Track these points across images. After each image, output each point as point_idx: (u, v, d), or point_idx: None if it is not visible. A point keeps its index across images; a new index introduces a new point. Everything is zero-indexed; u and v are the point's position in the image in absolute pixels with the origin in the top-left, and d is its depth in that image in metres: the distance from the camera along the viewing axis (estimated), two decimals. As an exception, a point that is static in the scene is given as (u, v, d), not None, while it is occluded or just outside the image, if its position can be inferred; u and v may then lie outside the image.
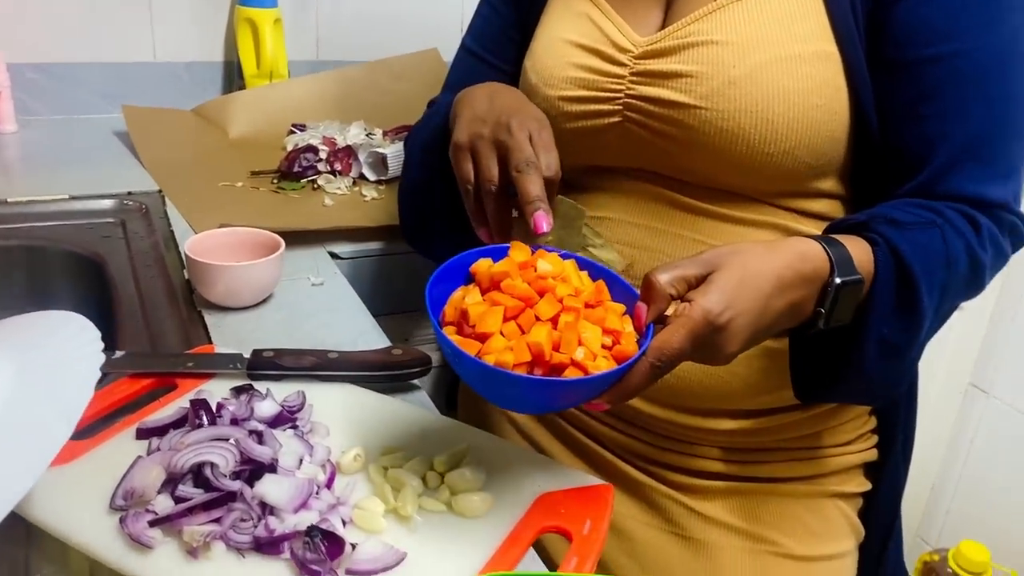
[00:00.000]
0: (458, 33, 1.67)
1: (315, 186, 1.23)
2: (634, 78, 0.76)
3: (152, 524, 0.56)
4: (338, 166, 1.25)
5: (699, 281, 0.60)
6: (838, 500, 0.86)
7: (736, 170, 0.73)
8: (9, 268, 1.03)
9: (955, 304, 0.73)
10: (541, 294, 0.59)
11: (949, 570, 1.67)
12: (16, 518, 0.57)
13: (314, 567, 0.54)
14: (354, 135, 1.33)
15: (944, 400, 1.75)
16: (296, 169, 1.24)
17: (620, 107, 0.77)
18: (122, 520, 0.57)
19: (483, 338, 0.57)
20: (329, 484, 0.62)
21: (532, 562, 0.60)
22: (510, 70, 0.92)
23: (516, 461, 0.68)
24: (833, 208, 0.78)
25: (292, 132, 1.37)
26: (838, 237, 0.66)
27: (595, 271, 0.64)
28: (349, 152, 1.27)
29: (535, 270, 0.60)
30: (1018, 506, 1.71)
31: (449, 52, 1.59)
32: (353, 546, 0.56)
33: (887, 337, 0.67)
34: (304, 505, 0.59)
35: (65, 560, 0.58)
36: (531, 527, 0.61)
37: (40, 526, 0.58)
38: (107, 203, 1.14)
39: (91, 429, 0.68)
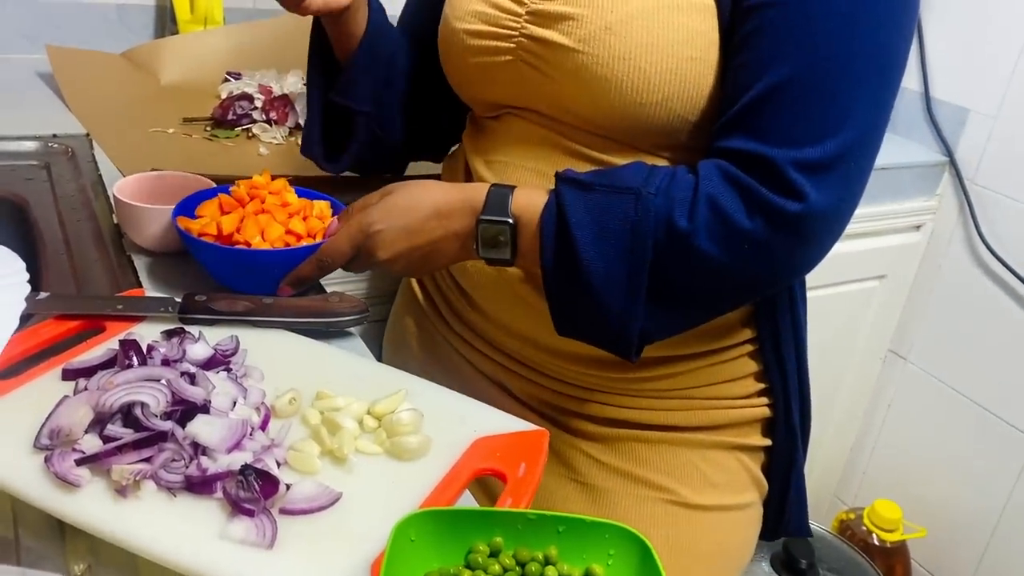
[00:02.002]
0: (399, -14, 1.64)
1: (250, 135, 1.21)
2: (529, 17, 0.77)
3: (79, 463, 0.55)
4: (274, 115, 1.22)
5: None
6: (739, 452, 0.87)
7: (614, 118, 0.74)
8: (-75, 208, 0.98)
9: (672, 278, 0.70)
10: (257, 199, 0.81)
11: (864, 528, 1.75)
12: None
13: (247, 505, 0.54)
14: (291, 84, 1.30)
15: (864, 365, 1.81)
16: (231, 117, 1.21)
17: (514, 46, 0.78)
18: (47, 459, 0.55)
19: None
20: (263, 426, 0.62)
21: (468, 503, 0.61)
22: None
23: (452, 406, 0.68)
24: None
25: (227, 80, 1.34)
26: (522, 188, 0.74)
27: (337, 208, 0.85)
28: (286, 101, 1.24)
29: (256, 187, 0.82)
30: (929, 467, 1.79)
31: (389, 3, 1.57)
32: (288, 486, 0.56)
33: (569, 289, 0.72)
34: (237, 446, 0.58)
35: (-14, 500, 0.56)
36: (467, 469, 0.61)
37: (-40, 465, 0.56)
38: (30, 145, 1.09)
39: (14, 370, 0.65)
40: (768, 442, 0.89)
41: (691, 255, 0.69)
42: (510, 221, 0.72)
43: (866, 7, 0.67)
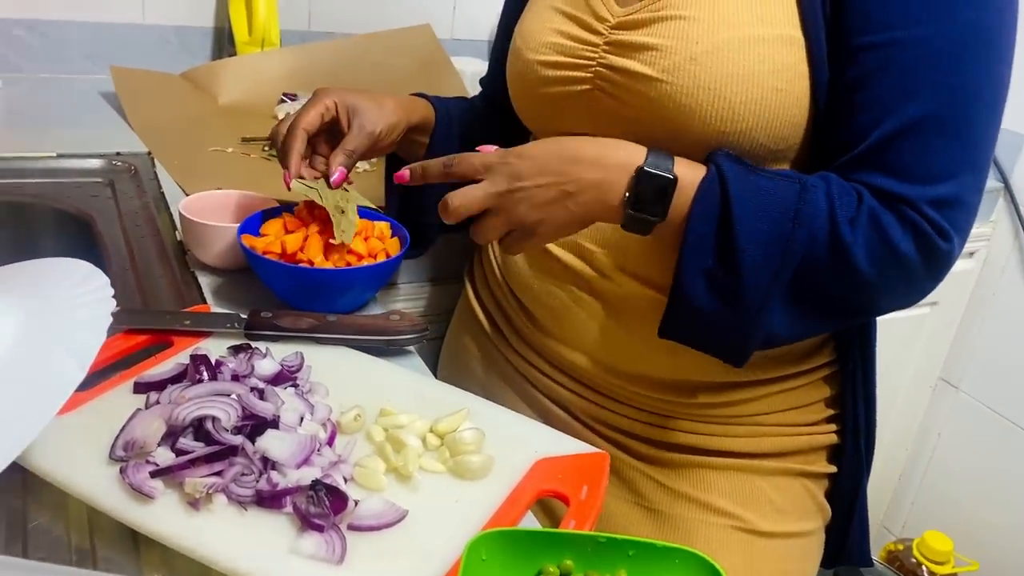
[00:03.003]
0: (451, 10, 1.67)
1: (307, 155, 1.23)
2: (607, 48, 0.77)
3: (153, 475, 0.56)
4: (330, 136, 1.24)
5: None
6: (804, 479, 0.87)
7: (695, 147, 0.74)
8: (-4, 224, 1.02)
9: (816, 280, 0.70)
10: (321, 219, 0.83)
11: (913, 560, 1.71)
12: (13, 466, 0.56)
13: (317, 520, 0.54)
14: (346, 106, 1.32)
15: (914, 393, 1.79)
16: (288, 137, 1.23)
17: (591, 75, 0.78)
18: (122, 470, 0.57)
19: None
20: (330, 442, 0.63)
21: (531, 524, 0.61)
22: None
23: (514, 426, 0.69)
24: None
25: (283, 101, 1.36)
26: (677, 157, 0.71)
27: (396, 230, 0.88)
28: (341, 122, 1.26)
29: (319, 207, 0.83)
30: (981, 498, 1.75)
31: (441, 28, 1.60)
32: (356, 502, 0.56)
33: (712, 269, 0.69)
34: (306, 461, 0.59)
35: (63, 509, 0.57)
36: (530, 490, 0.61)
37: (38, 474, 0.58)
38: (95, 163, 1.12)
39: (86, 382, 0.66)
40: (833, 469, 0.88)
41: (842, 261, 0.69)
42: (671, 176, 0.69)
43: (983, 40, 0.68)
